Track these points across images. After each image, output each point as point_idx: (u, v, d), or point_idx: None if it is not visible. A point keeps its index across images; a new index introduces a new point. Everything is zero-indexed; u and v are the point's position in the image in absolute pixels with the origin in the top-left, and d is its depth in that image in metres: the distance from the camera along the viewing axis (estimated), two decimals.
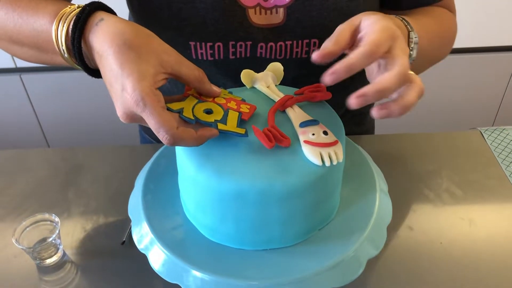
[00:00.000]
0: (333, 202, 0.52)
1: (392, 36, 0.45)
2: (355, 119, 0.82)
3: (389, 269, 0.56)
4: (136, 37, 0.45)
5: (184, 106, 0.47)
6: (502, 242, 0.59)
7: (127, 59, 0.44)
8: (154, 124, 0.43)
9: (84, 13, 0.47)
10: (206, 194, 0.47)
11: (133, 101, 0.43)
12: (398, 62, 0.44)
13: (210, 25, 0.61)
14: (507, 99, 1.62)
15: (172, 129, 0.43)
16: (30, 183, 0.70)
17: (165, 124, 0.42)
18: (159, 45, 0.46)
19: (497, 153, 0.72)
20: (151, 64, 0.44)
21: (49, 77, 1.51)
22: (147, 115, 0.43)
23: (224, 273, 0.47)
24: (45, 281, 0.57)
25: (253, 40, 0.63)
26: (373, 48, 0.43)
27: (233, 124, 0.48)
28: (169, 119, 0.43)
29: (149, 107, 0.42)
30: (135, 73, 0.43)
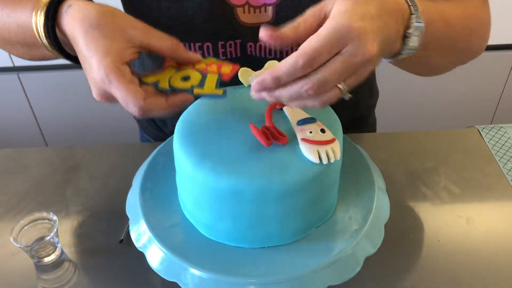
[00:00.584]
0: (331, 200, 0.52)
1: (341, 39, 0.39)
2: (356, 122, 0.82)
3: (386, 267, 0.56)
4: (101, 17, 0.45)
5: (160, 78, 0.47)
6: (499, 239, 0.59)
7: (91, 39, 0.45)
8: (121, 98, 0.44)
9: (54, 3, 0.48)
10: (203, 192, 0.48)
11: (99, 79, 0.44)
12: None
13: (199, 25, 0.61)
14: (505, 97, 1.63)
15: (139, 101, 0.43)
16: (28, 182, 0.70)
17: (131, 96, 0.43)
18: (124, 20, 0.46)
19: (494, 151, 0.72)
20: (116, 40, 0.45)
21: (47, 76, 1.51)
22: (114, 91, 0.44)
23: (222, 271, 0.47)
24: (43, 279, 0.57)
25: (242, 39, 0.63)
26: (307, 61, 0.39)
27: (211, 86, 0.47)
28: (135, 91, 0.43)
29: (114, 82, 0.43)
30: (99, 51, 0.44)
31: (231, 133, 0.49)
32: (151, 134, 0.83)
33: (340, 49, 0.40)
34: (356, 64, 0.41)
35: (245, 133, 0.49)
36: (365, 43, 0.40)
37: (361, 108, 0.81)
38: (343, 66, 0.40)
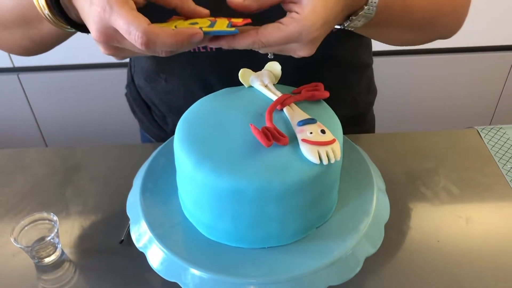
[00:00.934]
0: (331, 200, 0.52)
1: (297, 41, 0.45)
2: (355, 120, 0.82)
3: (386, 267, 0.56)
4: None
5: (165, 25, 0.44)
6: (498, 240, 0.60)
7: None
8: (123, 25, 0.40)
9: None
10: (204, 192, 0.48)
11: (100, 7, 0.40)
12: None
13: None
14: (504, 98, 1.63)
15: (142, 25, 0.40)
16: (28, 182, 0.70)
17: (134, 21, 0.40)
18: None
19: (494, 151, 0.72)
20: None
21: (47, 76, 1.51)
22: (115, 18, 0.40)
23: (222, 271, 0.47)
24: (43, 280, 0.57)
25: None
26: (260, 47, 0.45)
27: (222, 25, 0.45)
28: (138, 16, 0.40)
29: (115, 7, 0.40)
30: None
31: (231, 133, 0.50)
32: (152, 134, 0.83)
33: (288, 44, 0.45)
34: (292, 53, 0.47)
35: (245, 133, 0.49)
36: (309, 48, 0.46)
37: (360, 106, 0.81)
38: (280, 51, 0.47)
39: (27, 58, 1.49)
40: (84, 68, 1.49)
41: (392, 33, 0.61)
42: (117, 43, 0.43)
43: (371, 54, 0.81)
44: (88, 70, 1.49)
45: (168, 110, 0.76)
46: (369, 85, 0.83)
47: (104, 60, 1.45)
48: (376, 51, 1.45)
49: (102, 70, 1.48)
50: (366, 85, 0.81)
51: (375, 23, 0.53)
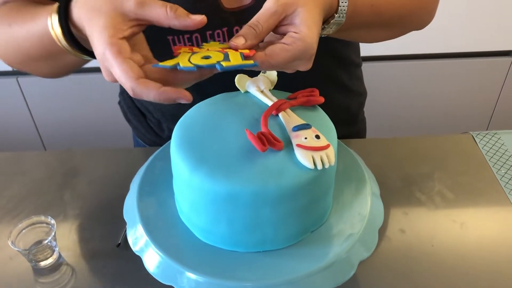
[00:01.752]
0: (326, 205, 0.53)
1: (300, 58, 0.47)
2: (347, 120, 0.83)
3: (380, 271, 0.57)
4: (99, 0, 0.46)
5: (179, 60, 0.45)
6: (492, 244, 0.60)
7: (92, 19, 0.45)
8: (116, 74, 0.43)
9: (63, 2, 0.49)
10: (200, 196, 0.48)
11: (100, 55, 0.44)
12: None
13: None
14: (501, 103, 1.64)
15: (132, 78, 0.42)
16: (26, 185, 0.70)
17: (126, 73, 0.42)
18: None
19: (488, 156, 0.73)
20: (111, 16, 0.44)
21: (46, 80, 1.50)
22: (111, 66, 0.43)
23: (217, 275, 0.47)
24: (40, 283, 0.57)
25: (228, 26, 0.64)
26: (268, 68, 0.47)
27: (237, 59, 0.44)
28: (128, 68, 0.43)
29: (109, 57, 0.43)
30: (97, 28, 0.44)
31: (227, 138, 0.50)
32: (147, 141, 0.84)
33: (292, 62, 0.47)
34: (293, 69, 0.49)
35: (241, 138, 0.49)
36: (310, 62, 0.48)
37: (351, 107, 0.84)
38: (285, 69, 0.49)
39: None
40: (83, 72, 1.50)
41: (364, 33, 0.64)
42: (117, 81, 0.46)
43: (359, 54, 0.82)
44: (86, 74, 1.49)
45: (162, 116, 0.77)
46: (359, 85, 0.84)
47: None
48: (372, 56, 1.47)
49: (101, 73, 1.49)
50: (356, 85, 0.83)
51: (346, 27, 0.55)
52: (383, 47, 1.44)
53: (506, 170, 0.70)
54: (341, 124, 0.82)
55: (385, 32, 0.66)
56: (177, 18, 0.45)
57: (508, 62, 1.54)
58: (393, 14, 0.62)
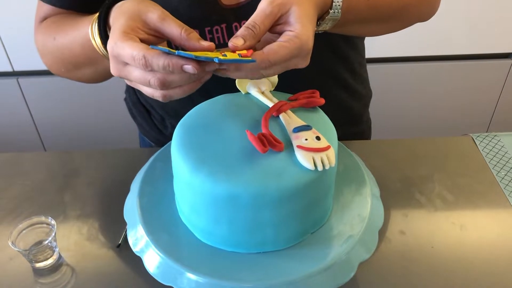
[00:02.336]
0: (326, 206, 0.53)
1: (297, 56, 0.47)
2: (350, 120, 0.84)
3: (380, 272, 0.57)
4: (129, 4, 0.50)
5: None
6: (492, 246, 0.60)
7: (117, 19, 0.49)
8: (127, 55, 0.45)
9: (104, 8, 0.52)
10: (200, 197, 0.48)
11: (112, 46, 0.46)
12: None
13: (184, 14, 0.62)
14: (501, 106, 1.64)
15: (143, 49, 0.45)
16: (26, 186, 0.70)
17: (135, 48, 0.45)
18: (146, 5, 0.49)
19: (488, 159, 0.73)
20: (133, 20, 0.48)
21: (46, 81, 1.51)
22: (121, 52, 0.46)
23: (218, 276, 0.47)
24: (40, 283, 0.57)
25: (226, 22, 0.64)
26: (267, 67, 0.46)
27: (234, 55, 0.47)
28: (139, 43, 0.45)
29: (119, 43, 0.46)
30: (116, 26, 0.48)
31: (228, 139, 0.50)
32: (151, 138, 0.84)
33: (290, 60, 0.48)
34: (294, 67, 0.49)
35: (242, 139, 0.50)
36: (307, 59, 0.49)
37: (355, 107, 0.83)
38: (283, 69, 0.48)
39: (27, 62, 1.50)
40: None
41: (362, 28, 0.64)
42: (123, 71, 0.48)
43: (363, 54, 0.82)
44: None
45: (165, 112, 0.77)
46: (364, 85, 0.84)
47: None
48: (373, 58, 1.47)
49: None
50: (360, 85, 0.83)
51: (342, 23, 0.56)
52: (381, 49, 1.45)
53: (506, 172, 0.70)
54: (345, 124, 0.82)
55: (383, 26, 0.67)
56: (188, 41, 0.48)
57: (508, 65, 1.54)
58: (390, 8, 0.62)
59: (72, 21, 0.61)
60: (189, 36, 0.48)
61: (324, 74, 0.74)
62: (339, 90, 0.78)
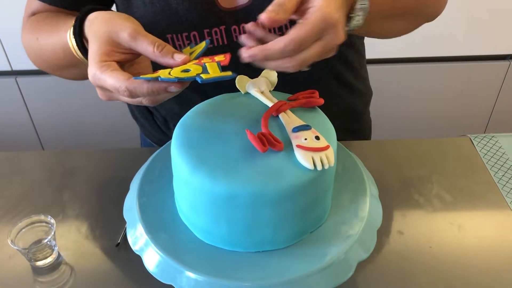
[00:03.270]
0: (325, 205, 0.53)
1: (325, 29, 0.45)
2: (351, 118, 0.84)
3: (379, 272, 0.57)
4: (100, 25, 0.50)
5: (160, 73, 0.47)
6: (490, 246, 0.61)
7: (91, 42, 0.50)
8: (110, 86, 0.47)
9: (77, 22, 0.53)
10: (200, 196, 0.48)
11: (92, 77, 0.48)
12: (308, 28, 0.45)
13: (183, 15, 0.63)
14: (498, 107, 1.65)
15: (124, 80, 0.46)
16: (25, 185, 0.70)
17: (117, 79, 0.46)
18: (116, 24, 0.49)
19: (486, 159, 0.73)
20: (105, 43, 0.49)
21: (45, 80, 1.51)
22: (103, 82, 0.47)
23: (217, 274, 0.48)
24: (39, 282, 0.57)
25: (225, 24, 0.64)
26: (295, 47, 0.45)
27: (216, 71, 0.46)
28: (119, 74, 0.46)
29: (99, 74, 0.47)
30: (90, 52, 0.49)
31: (227, 138, 0.50)
32: (154, 139, 0.84)
33: (321, 36, 0.46)
34: (331, 48, 0.48)
35: (241, 139, 0.50)
36: (339, 31, 0.47)
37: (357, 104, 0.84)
38: (321, 50, 0.47)
39: (26, 62, 1.50)
40: None
41: (386, 25, 0.64)
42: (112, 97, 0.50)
43: (364, 54, 0.82)
44: None
45: (167, 114, 0.77)
46: (364, 84, 0.84)
47: None
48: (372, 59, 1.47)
49: None
50: (361, 84, 0.83)
51: (370, 18, 0.54)
52: (380, 50, 1.45)
53: (503, 173, 0.71)
54: (346, 122, 0.82)
55: (403, 22, 0.66)
56: (162, 57, 0.49)
57: (505, 66, 1.55)
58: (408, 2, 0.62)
59: (56, 23, 0.61)
60: (162, 52, 0.48)
61: (326, 73, 0.74)
62: (340, 88, 0.78)
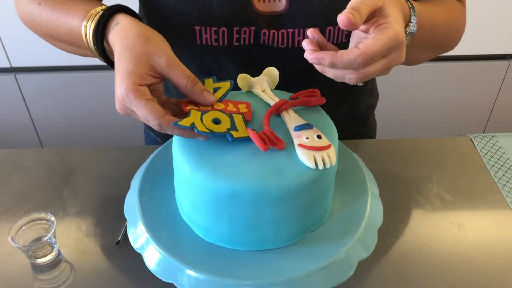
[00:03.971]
0: (326, 204, 0.53)
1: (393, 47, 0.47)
2: (357, 121, 0.84)
3: (379, 271, 0.57)
4: (135, 41, 0.50)
5: (194, 120, 0.48)
6: (489, 246, 0.61)
7: (121, 59, 0.49)
8: (142, 115, 0.48)
9: (104, 18, 0.53)
10: (201, 194, 0.48)
11: (121, 97, 0.48)
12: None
13: (216, 10, 0.62)
14: (498, 106, 1.65)
15: (159, 117, 0.47)
16: (25, 183, 0.70)
17: (151, 113, 0.47)
18: (155, 47, 0.50)
19: (486, 159, 0.74)
20: (140, 65, 0.49)
21: (44, 77, 1.51)
22: (134, 108, 0.48)
23: (217, 273, 0.48)
24: (39, 279, 0.57)
25: (256, 26, 0.64)
26: (364, 61, 0.45)
27: (243, 129, 0.50)
28: (154, 109, 0.47)
29: (133, 101, 0.47)
30: (123, 71, 0.48)
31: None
32: (157, 133, 0.84)
33: (387, 54, 0.47)
34: (392, 66, 0.49)
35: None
36: (403, 52, 0.48)
37: (361, 107, 0.83)
38: (384, 67, 0.48)
39: (25, 59, 1.49)
40: (81, 69, 1.50)
41: (417, 53, 0.65)
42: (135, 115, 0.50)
43: None
44: (85, 72, 1.49)
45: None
46: (372, 87, 0.84)
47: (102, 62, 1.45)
48: None
49: (99, 71, 1.49)
50: (368, 89, 0.83)
51: (409, 43, 0.55)
52: None
53: (503, 173, 0.71)
54: (352, 125, 0.82)
55: (430, 52, 0.69)
56: (192, 93, 0.51)
57: (505, 66, 1.55)
58: (442, 32, 0.65)
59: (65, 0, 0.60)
60: (194, 88, 0.50)
61: None
62: (347, 90, 0.77)
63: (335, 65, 0.46)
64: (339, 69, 0.47)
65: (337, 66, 0.46)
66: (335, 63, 0.46)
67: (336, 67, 0.46)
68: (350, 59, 0.45)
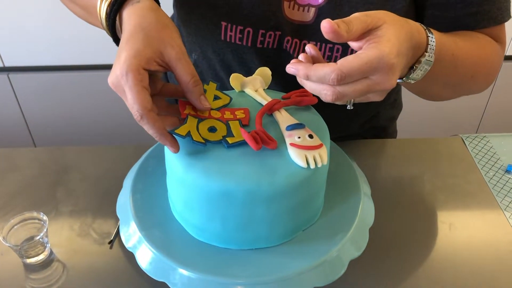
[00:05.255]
0: (317, 203, 0.54)
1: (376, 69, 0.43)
2: (375, 131, 0.83)
3: (370, 270, 0.57)
4: (153, 25, 0.49)
5: (190, 129, 0.49)
6: (480, 245, 0.61)
7: (133, 37, 0.48)
8: (130, 99, 0.46)
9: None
10: (193, 193, 0.48)
11: (119, 72, 0.46)
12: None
13: (245, 8, 0.63)
14: (490, 107, 1.66)
15: (145, 109, 0.46)
16: (18, 182, 0.70)
17: (140, 102, 0.45)
18: (169, 37, 0.49)
19: (477, 159, 0.74)
20: (151, 48, 0.48)
21: (37, 76, 1.50)
22: (127, 89, 0.46)
23: (210, 272, 0.48)
24: (31, 279, 0.57)
25: (282, 32, 0.64)
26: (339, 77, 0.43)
27: (239, 133, 0.50)
28: (146, 99, 0.46)
29: (130, 81, 0.46)
30: (133, 49, 0.47)
31: None
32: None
33: (370, 75, 0.44)
34: (375, 90, 0.45)
35: None
36: (391, 77, 0.44)
37: (381, 119, 0.83)
38: (364, 89, 0.44)
39: (18, 58, 1.49)
40: (74, 69, 1.49)
41: (436, 88, 0.62)
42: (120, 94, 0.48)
43: None
44: (78, 71, 1.48)
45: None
46: (395, 99, 0.84)
47: (95, 62, 1.45)
48: None
49: (93, 71, 1.48)
50: (392, 99, 0.83)
51: (427, 76, 0.52)
52: None
53: (494, 173, 0.72)
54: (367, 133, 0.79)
55: (450, 90, 0.65)
56: (191, 92, 0.50)
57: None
58: (466, 71, 0.61)
59: None
60: (194, 88, 0.49)
61: None
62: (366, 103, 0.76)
63: (309, 78, 0.44)
64: (314, 83, 0.45)
65: (311, 79, 0.44)
66: (309, 76, 0.44)
67: (310, 79, 0.45)
68: (324, 73, 0.43)
